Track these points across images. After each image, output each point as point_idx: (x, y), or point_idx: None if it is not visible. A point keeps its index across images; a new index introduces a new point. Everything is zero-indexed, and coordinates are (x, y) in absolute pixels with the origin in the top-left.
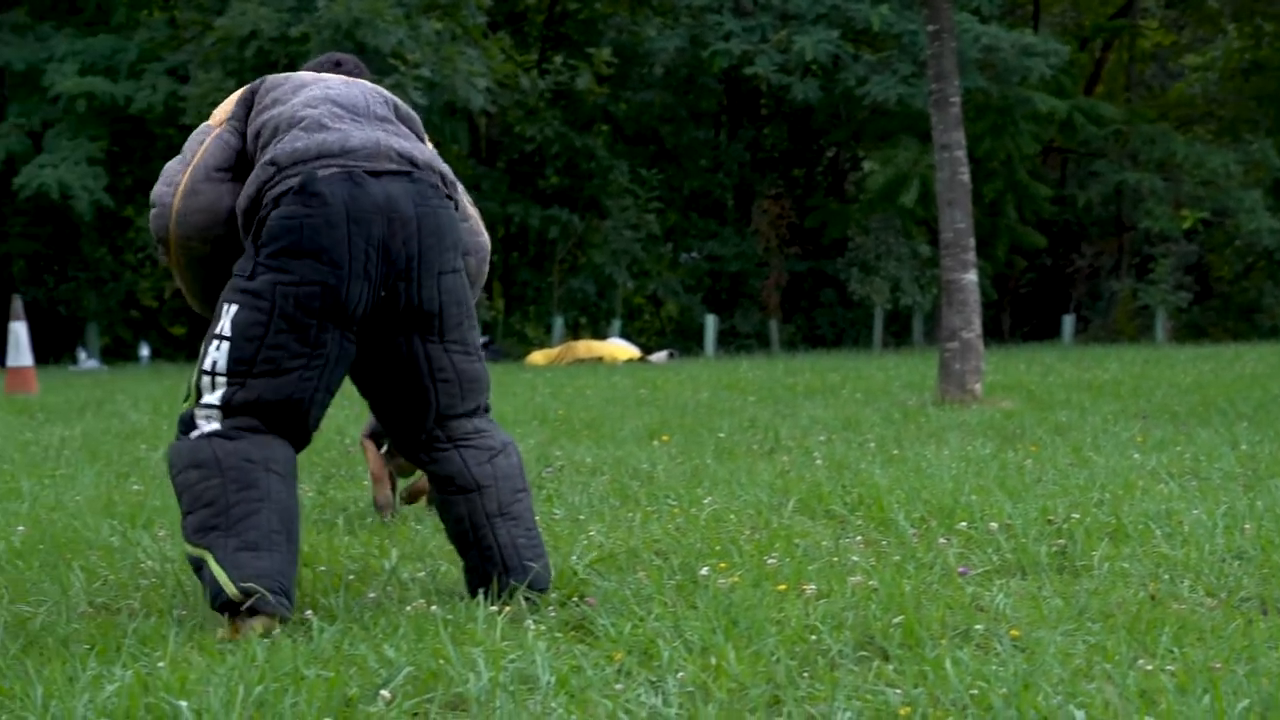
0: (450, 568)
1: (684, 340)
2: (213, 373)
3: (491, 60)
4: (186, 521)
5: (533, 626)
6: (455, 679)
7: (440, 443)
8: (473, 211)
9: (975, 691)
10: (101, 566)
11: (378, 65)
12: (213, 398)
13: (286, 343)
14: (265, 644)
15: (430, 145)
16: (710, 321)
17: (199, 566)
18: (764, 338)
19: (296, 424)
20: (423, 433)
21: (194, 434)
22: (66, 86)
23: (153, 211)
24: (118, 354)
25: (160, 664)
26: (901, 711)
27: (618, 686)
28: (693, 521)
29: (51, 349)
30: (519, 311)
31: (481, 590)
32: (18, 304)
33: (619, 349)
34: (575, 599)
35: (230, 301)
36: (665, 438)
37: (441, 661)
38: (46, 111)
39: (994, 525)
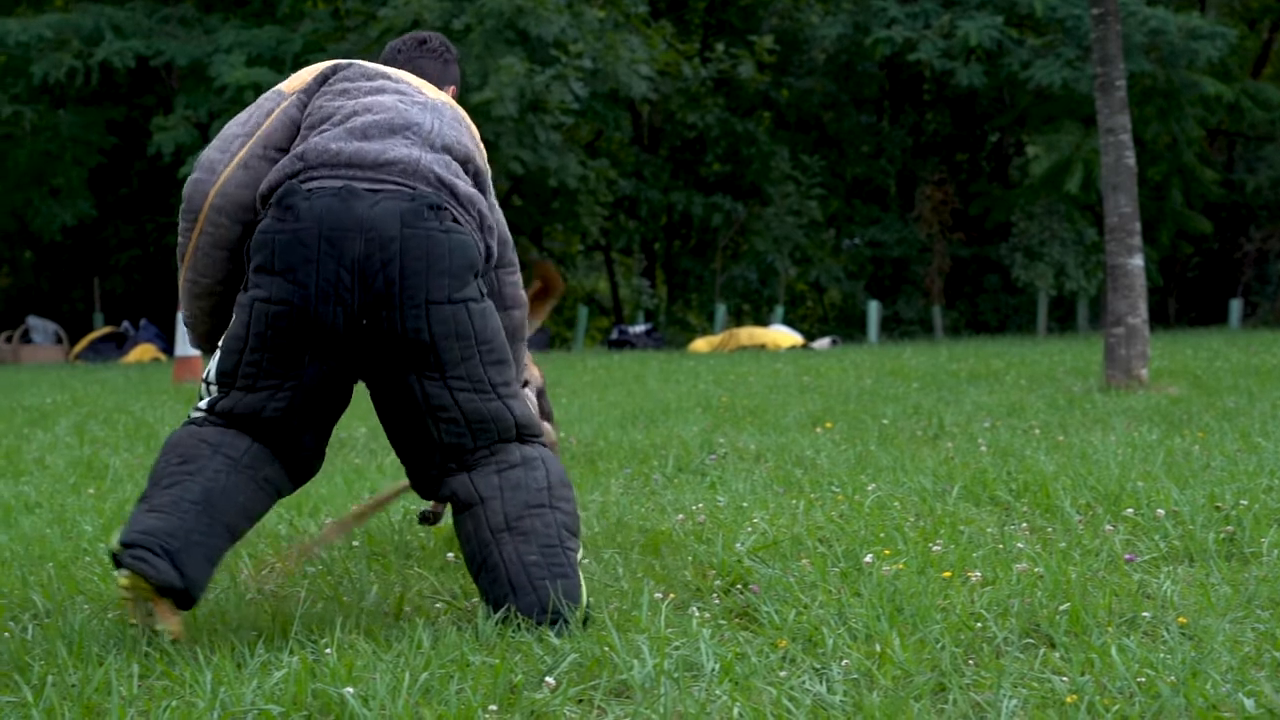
0: (613, 555)
1: (846, 327)
2: (207, 380)
3: (654, 49)
4: None
5: (697, 614)
6: (620, 666)
7: (452, 472)
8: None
9: (1142, 679)
10: (269, 554)
11: (540, 55)
12: (203, 403)
13: (259, 360)
14: (431, 631)
15: (480, 166)
16: (873, 308)
17: None
18: (927, 324)
19: (282, 443)
20: (433, 468)
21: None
22: (234, 78)
23: (194, 176)
24: None
25: (327, 650)
26: (1068, 699)
27: (782, 674)
28: (856, 508)
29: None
30: (681, 299)
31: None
32: None
33: (782, 336)
34: (739, 586)
35: (234, 309)
36: (828, 424)
37: (606, 649)
38: (214, 103)
39: (1161, 512)
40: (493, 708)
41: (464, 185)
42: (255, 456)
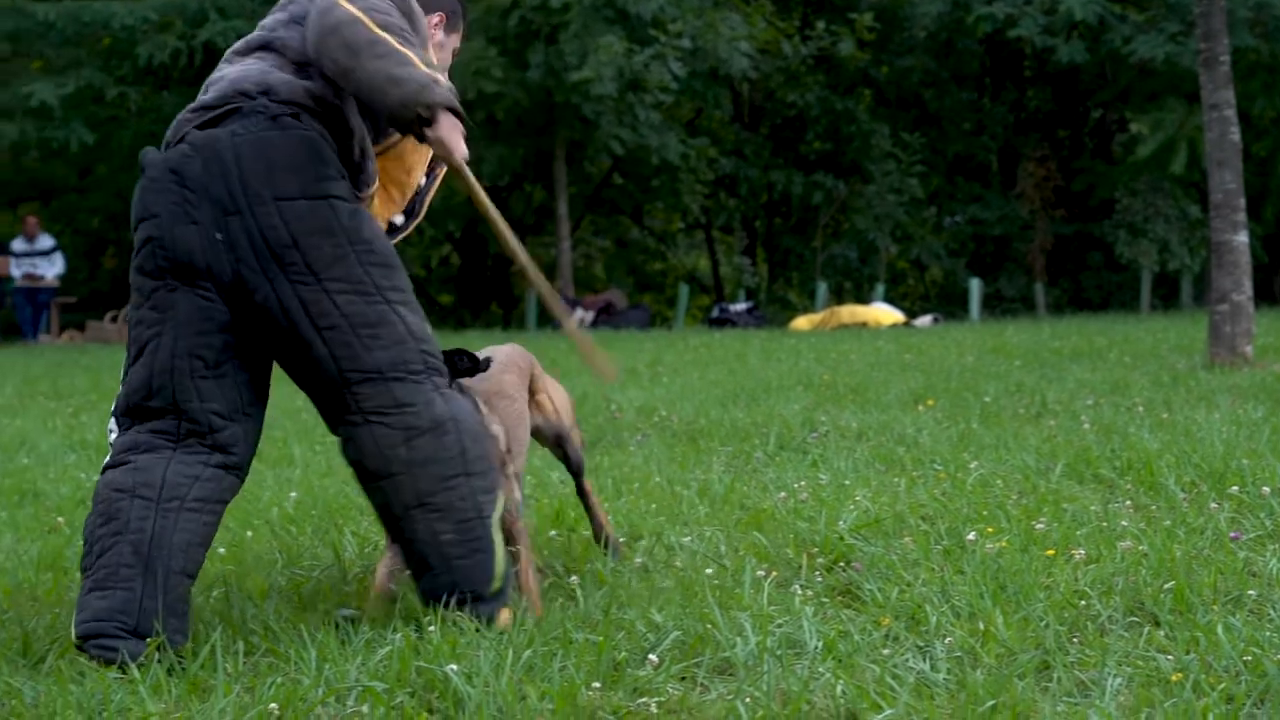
0: (715, 533)
1: (948, 304)
2: (110, 427)
3: (753, 26)
4: None
5: (799, 591)
6: (722, 643)
7: (351, 414)
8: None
9: (1248, 658)
10: (373, 532)
11: (639, 34)
12: (111, 444)
13: (144, 316)
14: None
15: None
16: (975, 285)
17: None
18: (1029, 301)
19: (191, 432)
20: (337, 401)
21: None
22: None
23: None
24: None
25: (431, 628)
26: (1173, 678)
27: (885, 651)
28: (959, 486)
29: None
30: (782, 277)
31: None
32: None
33: (883, 313)
34: (841, 564)
35: None
36: (930, 402)
37: (709, 626)
38: None
39: (1266, 489)
40: (596, 685)
41: (304, 84)
42: (173, 483)
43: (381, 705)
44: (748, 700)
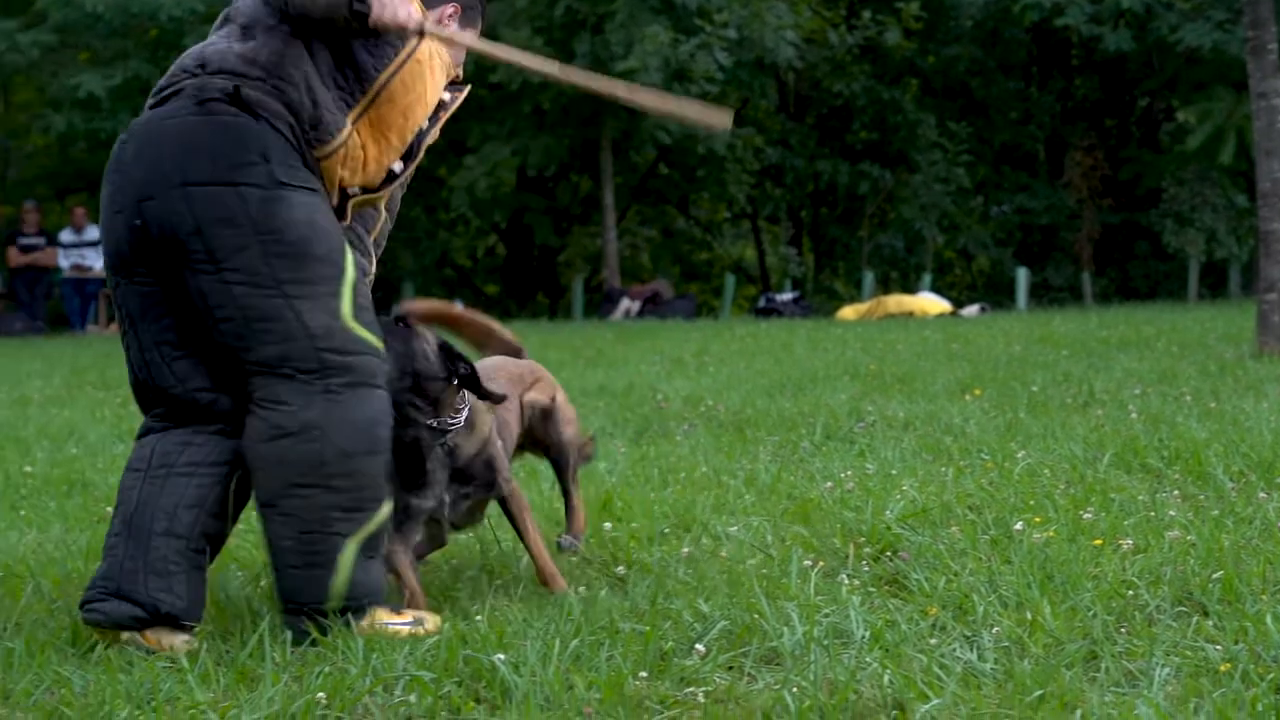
0: (761, 522)
1: (995, 294)
2: None
3: (799, 15)
4: None
5: (846, 581)
6: (769, 633)
7: (248, 400)
8: None
9: None
10: None
11: (685, 24)
12: None
13: (119, 317)
14: (581, 598)
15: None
16: (1022, 275)
17: None
18: (1076, 290)
19: (178, 409)
20: (244, 385)
21: None
22: None
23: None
24: None
25: (478, 617)
26: (1221, 667)
27: (932, 641)
28: (1006, 476)
29: None
30: (828, 267)
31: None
32: None
33: (929, 303)
34: (888, 553)
35: None
36: (977, 392)
37: (755, 616)
38: None
39: None
40: (643, 674)
41: (238, 49)
42: (162, 452)
43: (429, 695)
44: (794, 690)
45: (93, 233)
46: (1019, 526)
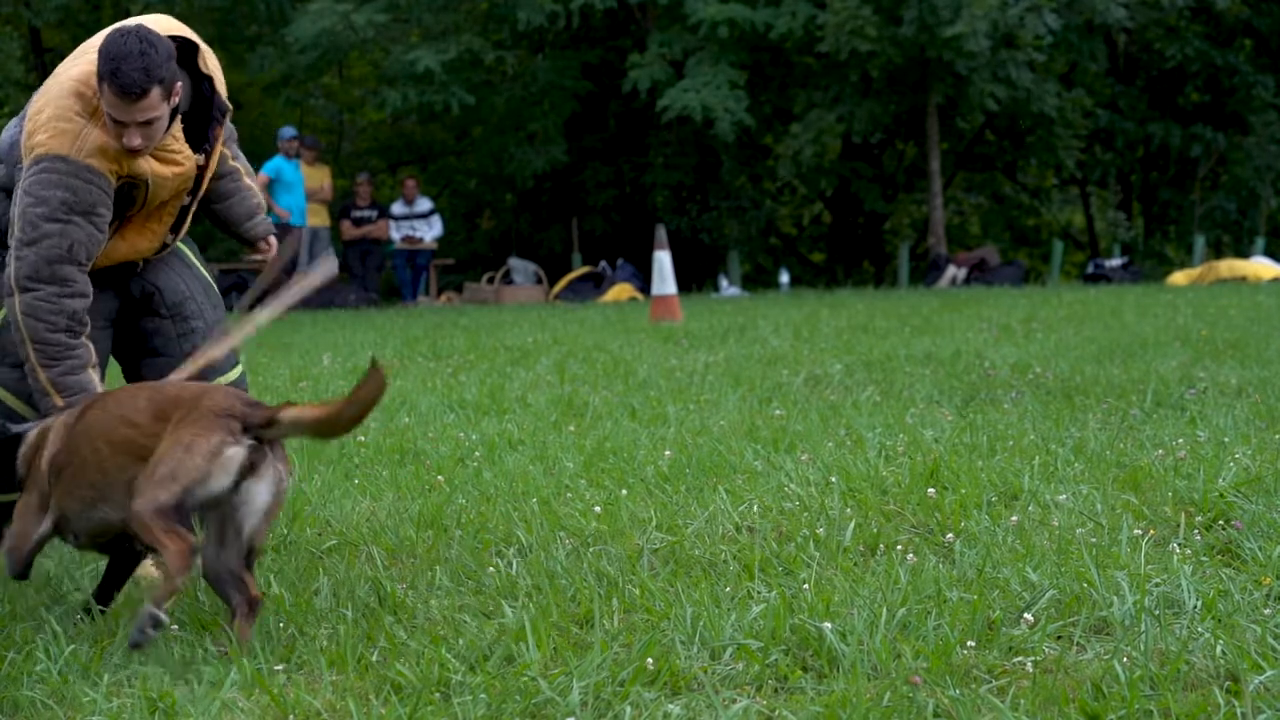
0: (1090, 490)
1: None
2: None
3: None
4: None
5: (1177, 550)
6: (1099, 602)
7: None
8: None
9: None
10: (745, 490)
11: None
12: None
13: None
14: (909, 566)
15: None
16: None
17: None
18: None
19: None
20: None
21: None
22: (708, 14)
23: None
24: (758, 281)
25: (805, 586)
26: None
27: (1266, 611)
28: None
29: (694, 277)
30: (1159, 232)
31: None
32: (661, 233)
33: (1264, 268)
34: (1220, 522)
35: None
36: None
37: (1085, 585)
38: (687, 41)
39: None
40: (971, 643)
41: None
42: None
43: (756, 663)
44: (1125, 660)
45: (424, 205)
46: None
